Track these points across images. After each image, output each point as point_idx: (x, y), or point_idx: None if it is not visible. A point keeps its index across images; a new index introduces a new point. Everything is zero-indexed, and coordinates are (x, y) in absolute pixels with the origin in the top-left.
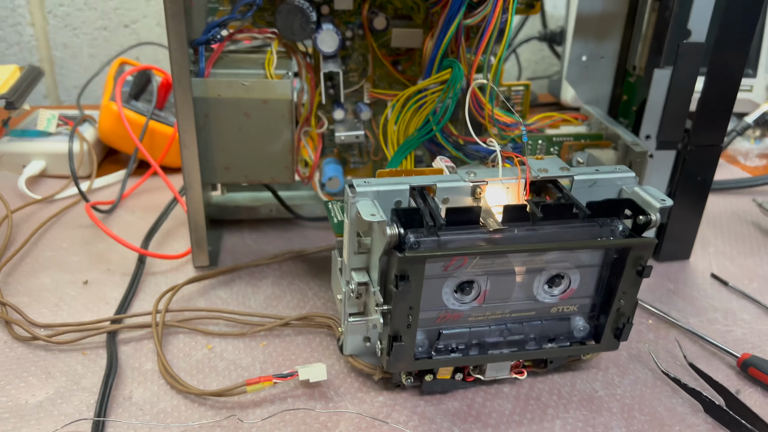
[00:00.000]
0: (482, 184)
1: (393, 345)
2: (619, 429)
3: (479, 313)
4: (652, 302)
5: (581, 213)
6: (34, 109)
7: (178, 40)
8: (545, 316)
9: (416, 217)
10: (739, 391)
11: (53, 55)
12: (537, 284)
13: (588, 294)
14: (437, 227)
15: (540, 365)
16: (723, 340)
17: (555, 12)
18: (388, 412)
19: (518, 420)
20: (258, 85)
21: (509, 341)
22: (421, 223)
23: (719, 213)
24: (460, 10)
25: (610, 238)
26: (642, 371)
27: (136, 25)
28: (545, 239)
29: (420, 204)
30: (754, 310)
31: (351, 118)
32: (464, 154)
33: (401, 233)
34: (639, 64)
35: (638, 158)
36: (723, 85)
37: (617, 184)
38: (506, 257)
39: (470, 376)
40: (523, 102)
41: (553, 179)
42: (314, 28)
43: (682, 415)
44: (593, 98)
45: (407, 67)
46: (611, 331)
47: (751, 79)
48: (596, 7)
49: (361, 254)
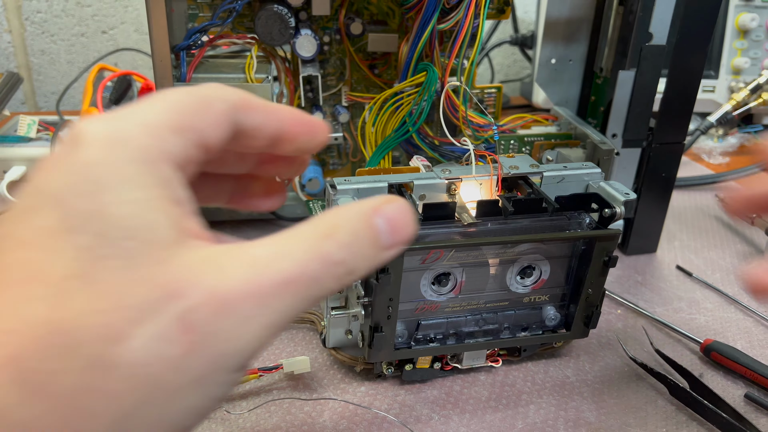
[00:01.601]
0: (457, 181)
1: (374, 336)
2: (590, 412)
3: (456, 304)
4: (621, 293)
5: (550, 207)
6: (14, 115)
7: (160, 45)
8: (518, 305)
9: None
10: (702, 375)
11: (31, 62)
12: (510, 275)
13: (558, 284)
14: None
15: (514, 354)
16: (687, 328)
17: (526, 17)
18: (370, 401)
19: (494, 406)
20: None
21: (485, 330)
22: None
23: (684, 208)
24: (434, 16)
25: (578, 231)
26: (611, 358)
27: (113, 31)
28: (517, 232)
29: None
30: (717, 299)
31: (330, 120)
32: (440, 154)
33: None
34: (605, 67)
35: (605, 156)
36: (684, 86)
37: (584, 179)
38: (480, 250)
39: (448, 365)
40: (496, 104)
41: (524, 176)
42: (293, 34)
43: (649, 398)
44: (563, 99)
45: (383, 71)
46: (581, 320)
47: (713, 80)
48: (564, 12)
49: None
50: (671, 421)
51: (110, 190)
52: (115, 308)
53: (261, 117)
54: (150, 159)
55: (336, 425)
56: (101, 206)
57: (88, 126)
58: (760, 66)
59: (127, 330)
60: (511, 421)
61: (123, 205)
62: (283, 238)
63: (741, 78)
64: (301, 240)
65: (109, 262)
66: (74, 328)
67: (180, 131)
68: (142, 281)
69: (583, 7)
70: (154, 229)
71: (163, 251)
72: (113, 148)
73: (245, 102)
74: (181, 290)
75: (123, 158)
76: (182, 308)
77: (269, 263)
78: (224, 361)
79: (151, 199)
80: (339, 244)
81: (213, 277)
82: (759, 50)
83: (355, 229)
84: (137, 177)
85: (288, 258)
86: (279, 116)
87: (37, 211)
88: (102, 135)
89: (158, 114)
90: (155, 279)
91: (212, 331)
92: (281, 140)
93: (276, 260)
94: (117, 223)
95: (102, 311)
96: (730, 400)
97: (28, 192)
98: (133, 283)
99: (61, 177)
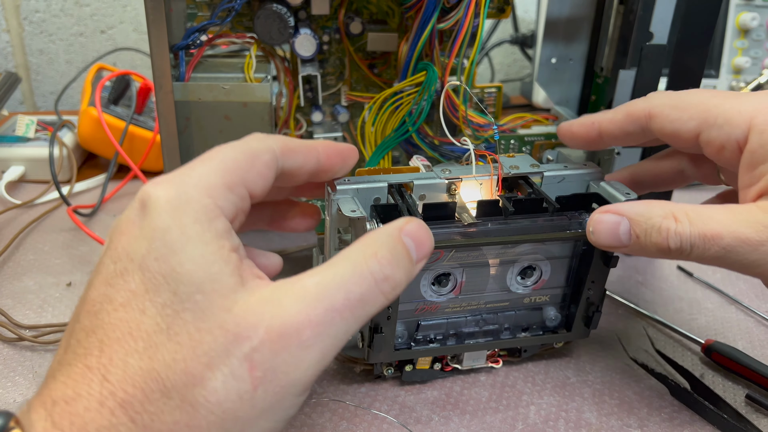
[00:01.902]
0: (457, 181)
1: (374, 336)
2: (590, 412)
3: (456, 304)
4: (622, 294)
5: (551, 207)
6: (12, 115)
7: (159, 45)
8: (518, 306)
9: (395, 213)
10: (703, 375)
11: (29, 62)
12: (510, 276)
13: (559, 284)
14: None
15: (515, 354)
16: (688, 328)
17: (526, 16)
18: (370, 401)
19: (494, 407)
20: (238, 88)
21: (485, 331)
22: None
23: None
24: (434, 15)
25: (578, 230)
26: (612, 359)
27: (112, 30)
28: (517, 232)
29: (398, 200)
30: (717, 299)
31: (329, 120)
32: (440, 154)
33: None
34: (606, 66)
35: (606, 155)
36: (685, 85)
37: (585, 179)
38: (481, 250)
39: (448, 366)
40: (496, 103)
41: (524, 176)
42: (292, 33)
43: (649, 399)
44: (563, 99)
45: (383, 70)
46: (582, 320)
47: (714, 79)
48: (564, 11)
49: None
50: (672, 421)
51: (179, 252)
52: (193, 356)
53: (301, 158)
54: (209, 217)
55: (336, 426)
56: (173, 267)
57: (155, 191)
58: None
59: (205, 373)
60: (511, 422)
61: (190, 263)
62: (332, 266)
63: (742, 77)
64: (348, 264)
65: (185, 315)
66: (165, 377)
67: (233, 188)
68: (212, 330)
69: (584, 6)
70: (217, 279)
71: (227, 299)
72: (179, 213)
73: (287, 147)
74: (245, 333)
75: (188, 220)
76: (248, 349)
77: (320, 292)
78: (289, 389)
79: (213, 252)
80: (383, 263)
81: (271, 315)
82: (760, 50)
83: (392, 247)
84: (200, 234)
85: (338, 284)
86: (317, 153)
87: (125, 276)
88: (169, 201)
89: (213, 174)
90: (223, 326)
91: (275, 365)
92: (319, 172)
93: (327, 289)
94: (187, 280)
95: (183, 360)
96: (731, 400)
97: (118, 256)
98: (204, 332)
99: (142, 243)
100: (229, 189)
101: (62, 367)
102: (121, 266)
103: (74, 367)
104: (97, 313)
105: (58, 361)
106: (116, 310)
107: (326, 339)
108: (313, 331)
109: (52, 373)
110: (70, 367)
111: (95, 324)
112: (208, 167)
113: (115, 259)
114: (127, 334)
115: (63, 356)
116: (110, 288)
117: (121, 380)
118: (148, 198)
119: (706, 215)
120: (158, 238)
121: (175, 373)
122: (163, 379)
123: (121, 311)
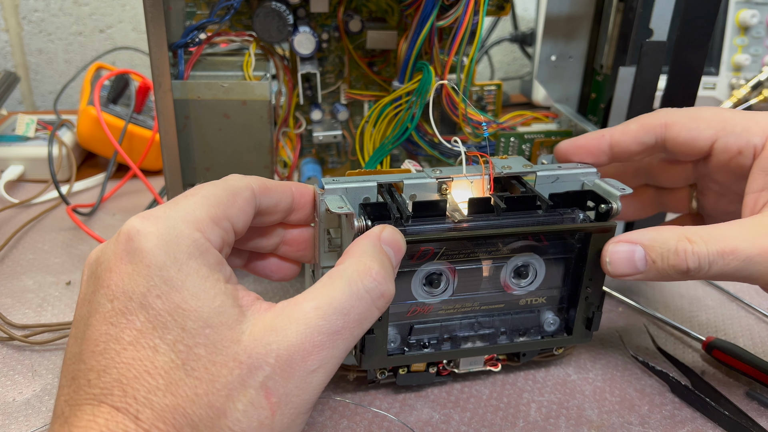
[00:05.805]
0: (448, 181)
1: (365, 338)
2: (591, 410)
3: (449, 306)
4: (622, 291)
5: (544, 204)
6: (12, 115)
7: (158, 43)
8: (514, 308)
9: (384, 212)
10: (704, 372)
11: (28, 61)
12: (504, 276)
13: (555, 285)
14: (404, 219)
15: (514, 359)
16: (689, 325)
17: (525, 14)
18: (371, 399)
19: (495, 405)
20: (237, 86)
21: (481, 335)
22: (389, 217)
23: None
24: (433, 12)
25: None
26: (613, 356)
27: (111, 30)
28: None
29: (388, 200)
30: (718, 296)
31: (328, 118)
32: (439, 152)
33: (369, 225)
34: (606, 63)
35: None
36: (685, 82)
37: (579, 179)
38: (473, 248)
39: (445, 370)
40: (496, 101)
41: (517, 175)
42: (291, 31)
43: (650, 396)
44: (563, 97)
45: (382, 68)
46: (582, 322)
47: (714, 77)
48: (564, 8)
49: (332, 252)
50: (673, 419)
51: (181, 289)
52: (213, 390)
53: (278, 196)
54: (201, 251)
55: (336, 424)
56: (178, 304)
57: (144, 226)
58: (761, 63)
59: (227, 405)
60: (512, 419)
61: (193, 299)
62: (328, 287)
63: (742, 75)
64: (344, 285)
65: (198, 350)
66: (192, 412)
67: (218, 221)
68: (226, 362)
69: (583, 4)
70: (222, 312)
71: (234, 330)
72: (172, 248)
73: (264, 186)
74: (257, 363)
75: (182, 256)
76: (262, 378)
77: (320, 317)
78: (301, 409)
79: (212, 286)
80: (378, 279)
81: (278, 345)
82: (759, 47)
83: (381, 261)
84: (197, 270)
85: (335, 309)
86: (291, 192)
87: (127, 315)
88: (159, 237)
89: (199, 208)
90: (236, 358)
91: (288, 390)
92: (293, 211)
93: (326, 313)
94: (194, 316)
95: (205, 394)
96: (733, 397)
97: (114, 294)
98: (220, 365)
99: (138, 281)
100: (215, 222)
101: (82, 407)
102: (120, 305)
103: (99, 408)
104: (104, 353)
105: (68, 402)
106: (125, 349)
107: (330, 360)
108: (318, 355)
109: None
110: (93, 408)
111: (105, 364)
112: (192, 202)
113: (111, 297)
114: (144, 372)
115: (74, 396)
116: (113, 327)
117: (152, 418)
118: (136, 233)
119: (718, 233)
120: (155, 276)
121: (200, 408)
122: (189, 415)
123: (131, 350)
